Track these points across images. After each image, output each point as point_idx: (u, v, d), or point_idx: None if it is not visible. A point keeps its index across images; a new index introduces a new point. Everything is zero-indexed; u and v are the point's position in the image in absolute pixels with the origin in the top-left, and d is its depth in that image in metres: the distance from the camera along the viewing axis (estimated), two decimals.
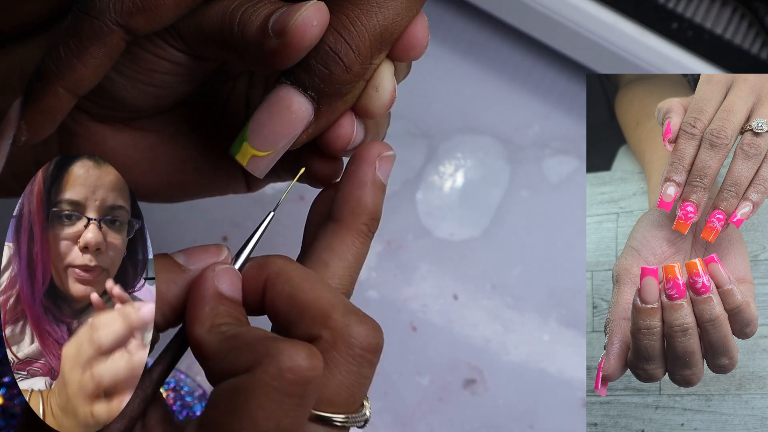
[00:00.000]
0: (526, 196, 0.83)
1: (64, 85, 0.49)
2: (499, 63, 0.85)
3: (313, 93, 0.50)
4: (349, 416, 0.47)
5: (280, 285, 0.48)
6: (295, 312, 0.48)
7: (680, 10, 0.80)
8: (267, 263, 0.49)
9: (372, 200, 0.51)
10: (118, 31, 0.49)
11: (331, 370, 0.47)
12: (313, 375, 0.45)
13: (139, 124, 0.56)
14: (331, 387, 0.47)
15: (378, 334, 0.48)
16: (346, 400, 0.47)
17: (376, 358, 0.48)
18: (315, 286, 0.48)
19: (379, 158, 0.51)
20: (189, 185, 0.59)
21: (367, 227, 0.51)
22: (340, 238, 0.51)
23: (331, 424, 0.47)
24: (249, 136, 0.51)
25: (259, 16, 0.49)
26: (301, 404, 0.45)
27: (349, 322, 0.47)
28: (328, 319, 0.47)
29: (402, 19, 0.50)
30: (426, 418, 0.78)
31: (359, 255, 0.51)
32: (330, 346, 0.47)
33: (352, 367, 0.47)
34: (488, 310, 0.80)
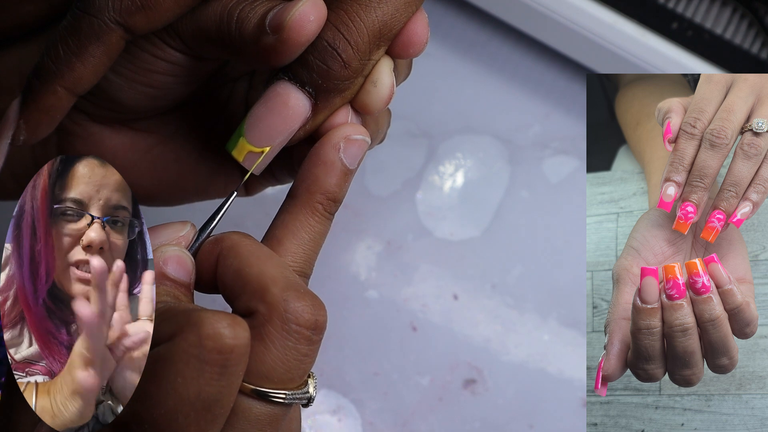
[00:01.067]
0: (526, 196, 0.83)
1: (63, 84, 0.49)
2: (499, 63, 0.85)
3: (310, 89, 0.50)
4: (289, 393, 0.47)
5: (229, 259, 0.48)
6: (238, 286, 0.48)
7: (680, 10, 0.80)
8: (221, 239, 0.49)
9: (329, 179, 0.50)
10: (118, 30, 0.49)
11: (266, 345, 0.46)
12: (234, 344, 0.45)
13: (137, 126, 0.56)
14: (267, 362, 0.46)
15: (318, 312, 0.47)
16: (282, 376, 0.47)
17: (315, 335, 0.47)
18: (260, 261, 0.48)
19: (345, 139, 0.51)
20: (187, 188, 0.59)
21: (323, 206, 0.50)
22: (292, 214, 0.50)
23: (269, 399, 0.47)
24: (246, 131, 0.51)
25: (256, 13, 0.49)
26: (223, 374, 0.45)
27: (287, 297, 0.46)
28: (266, 293, 0.47)
29: (401, 15, 0.50)
30: (426, 418, 0.78)
31: (314, 233, 0.50)
32: (265, 320, 0.46)
33: (287, 342, 0.46)
34: (488, 310, 0.80)
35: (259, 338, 0.46)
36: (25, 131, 0.50)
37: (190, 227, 0.51)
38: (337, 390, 0.79)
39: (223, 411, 0.46)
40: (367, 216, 0.81)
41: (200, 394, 0.45)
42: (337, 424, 0.78)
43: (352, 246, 0.81)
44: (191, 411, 0.45)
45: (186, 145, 0.58)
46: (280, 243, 0.50)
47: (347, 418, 0.78)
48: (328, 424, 0.78)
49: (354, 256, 0.81)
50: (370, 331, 0.79)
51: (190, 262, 0.49)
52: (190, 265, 0.49)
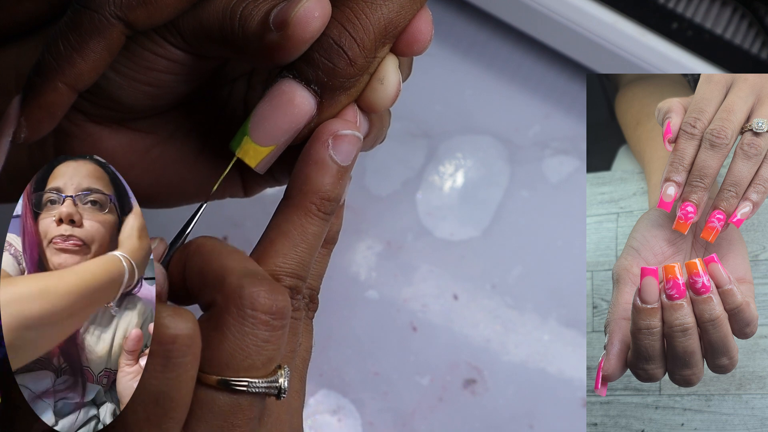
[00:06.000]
0: (526, 196, 0.83)
1: (63, 80, 0.49)
2: (499, 63, 0.85)
3: (316, 87, 0.50)
4: (252, 381, 0.47)
5: (193, 260, 0.48)
6: (200, 283, 0.47)
7: (680, 10, 0.80)
8: (188, 244, 0.49)
9: (321, 179, 0.50)
10: (118, 25, 0.49)
11: (223, 332, 0.46)
12: (175, 333, 0.44)
13: (136, 125, 0.56)
14: (225, 349, 0.46)
15: (275, 297, 0.46)
16: (241, 363, 0.46)
17: (275, 320, 0.46)
18: (222, 257, 0.47)
19: (333, 136, 0.50)
20: (186, 189, 0.58)
21: (316, 206, 0.50)
22: (285, 216, 0.50)
23: (231, 388, 0.46)
24: (250, 130, 0.50)
25: (259, 10, 0.49)
26: (167, 365, 0.45)
27: (242, 283, 0.46)
28: (222, 283, 0.46)
29: (406, 12, 0.50)
30: (426, 418, 0.78)
31: (308, 234, 0.50)
32: (222, 309, 0.46)
33: (244, 328, 0.46)
34: (488, 310, 0.80)
35: (216, 327, 0.46)
36: (26, 129, 0.50)
37: (158, 242, 0.50)
38: (337, 390, 0.79)
39: (174, 404, 0.45)
40: (367, 216, 0.81)
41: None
42: (337, 424, 0.78)
43: (352, 246, 0.81)
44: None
45: (185, 145, 0.57)
46: (272, 244, 0.50)
47: (347, 418, 0.78)
48: (328, 424, 0.78)
49: (354, 256, 0.81)
50: (370, 331, 0.79)
51: (160, 273, 0.49)
52: (161, 276, 0.49)
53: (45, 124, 0.50)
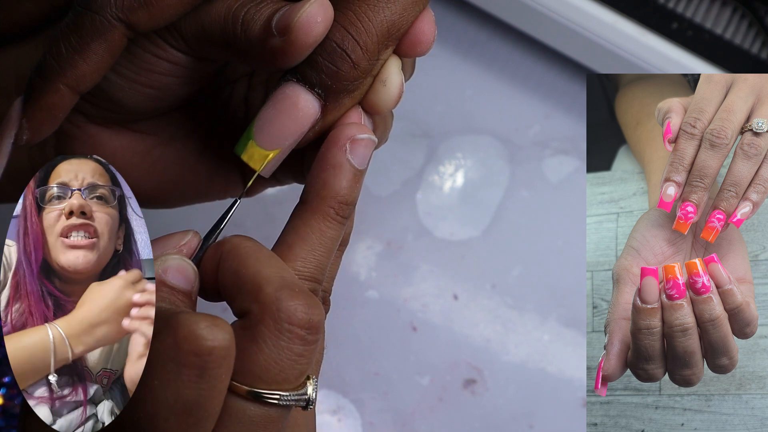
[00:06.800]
0: (526, 196, 0.83)
1: (65, 82, 0.49)
2: (499, 63, 0.85)
3: (320, 90, 0.49)
4: (284, 394, 0.46)
5: (228, 262, 0.48)
6: (235, 287, 0.47)
7: (680, 10, 0.80)
8: (222, 243, 0.49)
9: (339, 183, 0.50)
10: (120, 27, 0.49)
11: (258, 345, 0.46)
12: (213, 345, 0.44)
13: (136, 127, 0.56)
14: (259, 362, 0.46)
15: (312, 311, 0.46)
16: (276, 376, 0.46)
17: (310, 335, 0.46)
18: (258, 262, 0.47)
19: (350, 141, 0.50)
20: (186, 190, 0.58)
21: (334, 210, 0.50)
22: (303, 220, 0.50)
23: (263, 400, 0.46)
24: (255, 134, 0.50)
25: (262, 15, 0.49)
26: (202, 376, 0.44)
27: (280, 296, 0.46)
28: (259, 292, 0.46)
29: (409, 14, 0.50)
30: (426, 418, 0.78)
31: (325, 238, 0.50)
32: (258, 321, 0.46)
33: (280, 342, 0.46)
34: (488, 310, 0.80)
35: (251, 338, 0.46)
36: (28, 131, 0.50)
37: (192, 235, 0.50)
38: (337, 390, 0.79)
39: (206, 414, 0.45)
40: (367, 216, 0.81)
41: (179, 397, 0.44)
42: (337, 424, 0.78)
43: (352, 246, 0.81)
44: (170, 414, 0.45)
45: (185, 146, 0.57)
46: (290, 248, 0.49)
47: (347, 418, 0.78)
48: (328, 424, 0.78)
49: (354, 256, 0.81)
50: (370, 331, 0.79)
51: (191, 270, 0.49)
52: (192, 273, 0.49)
53: (46, 125, 0.50)
